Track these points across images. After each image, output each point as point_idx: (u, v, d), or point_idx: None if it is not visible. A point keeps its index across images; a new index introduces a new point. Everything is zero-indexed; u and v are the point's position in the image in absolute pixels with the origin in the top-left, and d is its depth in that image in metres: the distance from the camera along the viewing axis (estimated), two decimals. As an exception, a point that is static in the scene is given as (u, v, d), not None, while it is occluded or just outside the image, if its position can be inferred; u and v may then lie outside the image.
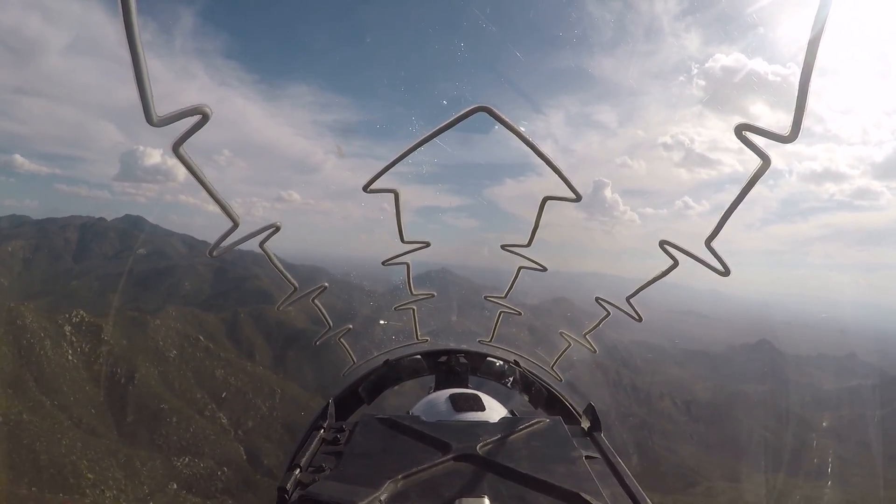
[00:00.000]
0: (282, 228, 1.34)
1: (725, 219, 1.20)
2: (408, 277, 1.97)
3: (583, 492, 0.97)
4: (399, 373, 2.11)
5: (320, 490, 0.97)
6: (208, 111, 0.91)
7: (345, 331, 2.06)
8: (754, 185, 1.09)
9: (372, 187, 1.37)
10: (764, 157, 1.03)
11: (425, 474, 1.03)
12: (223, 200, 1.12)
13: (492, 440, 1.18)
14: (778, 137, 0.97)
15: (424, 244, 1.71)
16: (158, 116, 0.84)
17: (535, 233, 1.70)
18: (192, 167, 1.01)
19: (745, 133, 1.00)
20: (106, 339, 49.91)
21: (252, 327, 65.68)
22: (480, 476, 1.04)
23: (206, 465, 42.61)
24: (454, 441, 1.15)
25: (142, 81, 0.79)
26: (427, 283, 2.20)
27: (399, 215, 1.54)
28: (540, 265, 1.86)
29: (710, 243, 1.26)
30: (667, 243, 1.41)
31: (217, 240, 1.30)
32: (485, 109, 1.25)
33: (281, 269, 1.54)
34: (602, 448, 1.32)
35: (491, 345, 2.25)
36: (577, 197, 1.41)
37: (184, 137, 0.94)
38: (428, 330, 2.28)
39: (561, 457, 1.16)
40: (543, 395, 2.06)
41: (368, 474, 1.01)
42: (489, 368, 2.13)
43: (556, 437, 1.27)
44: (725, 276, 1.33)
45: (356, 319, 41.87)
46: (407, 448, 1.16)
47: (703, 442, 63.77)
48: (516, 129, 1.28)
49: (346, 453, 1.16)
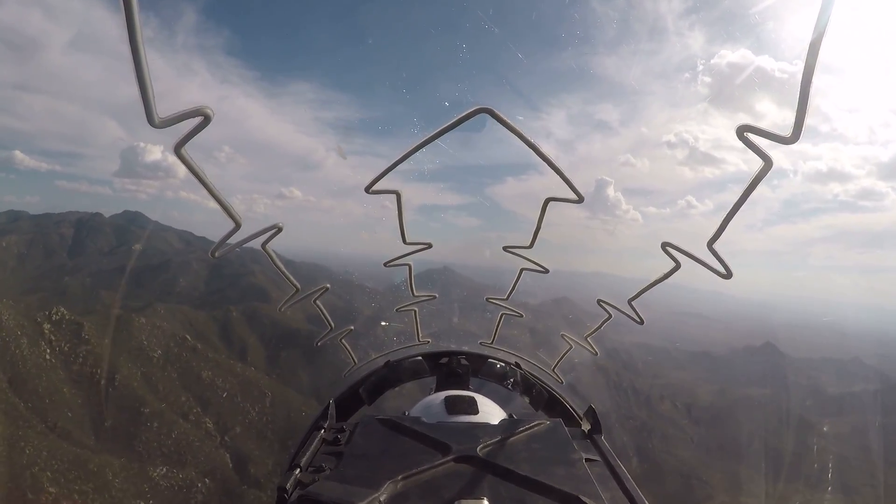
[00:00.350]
0: (284, 226, 1.34)
1: (727, 221, 1.20)
2: (409, 279, 1.97)
3: (583, 494, 0.96)
4: (400, 374, 2.11)
5: (320, 490, 0.97)
6: (210, 113, 0.91)
7: (346, 332, 2.06)
8: (756, 186, 1.09)
9: (374, 188, 1.37)
10: (766, 158, 1.03)
11: (425, 475, 1.03)
12: (225, 201, 1.12)
13: (492, 442, 1.18)
14: (779, 139, 0.97)
15: (426, 245, 1.71)
16: (160, 118, 0.84)
17: (537, 234, 1.70)
18: (193, 168, 1.02)
19: (746, 134, 1.00)
20: (87, 337, 48.30)
21: (245, 326, 63.78)
22: (480, 478, 1.04)
23: (185, 476, 40.65)
24: (454, 442, 1.15)
25: (143, 83, 0.79)
26: (429, 283, 2.20)
27: (401, 216, 1.54)
28: (542, 267, 1.86)
29: (712, 245, 1.26)
30: (669, 245, 1.41)
31: (219, 241, 1.30)
32: (487, 111, 1.25)
33: (283, 269, 1.54)
34: (602, 451, 1.31)
35: (492, 346, 2.25)
36: (579, 198, 1.42)
37: (185, 139, 0.94)
38: (430, 331, 2.28)
39: (561, 459, 1.16)
40: (544, 397, 2.06)
41: (368, 475, 1.01)
42: (490, 370, 2.13)
43: (557, 440, 1.27)
44: (727, 279, 1.32)
45: (357, 319, 41.69)
46: (407, 449, 1.16)
47: (704, 445, 63.43)
48: (518, 131, 1.28)
49: (347, 454, 1.16)
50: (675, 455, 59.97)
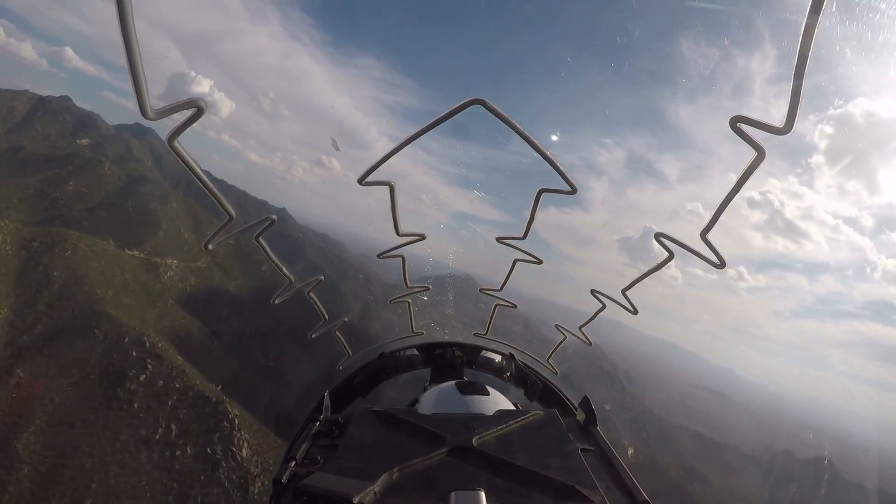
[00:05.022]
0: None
1: (720, 211, 1.21)
2: (403, 270, 1.97)
3: (578, 485, 0.97)
4: (394, 365, 2.11)
5: (315, 482, 0.97)
6: (203, 105, 0.91)
7: (340, 323, 2.06)
8: (749, 177, 1.10)
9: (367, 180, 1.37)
10: (759, 149, 1.04)
11: (420, 467, 1.04)
12: (218, 194, 1.12)
13: (487, 433, 1.18)
14: (772, 129, 0.98)
15: (419, 237, 1.71)
16: (154, 109, 0.83)
17: (530, 225, 1.70)
18: (187, 160, 1.01)
19: (739, 125, 1.01)
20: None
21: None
22: (475, 469, 1.04)
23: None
24: (449, 434, 1.15)
25: (136, 74, 0.78)
26: (443, 286, 2.22)
27: (395, 208, 1.54)
28: (535, 258, 1.86)
29: (706, 235, 1.27)
30: (662, 236, 1.42)
31: (213, 233, 1.30)
32: (479, 102, 1.25)
33: (276, 262, 1.54)
34: (598, 441, 1.32)
35: (486, 338, 2.26)
36: (572, 189, 1.42)
37: (178, 130, 0.94)
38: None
39: (556, 450, 1.16)
40: (539, 387, 2.07)
41: (363, 467, 1.01)
42: (484, 361, 2.14)
43: (552, 430, 1.27)
44: (720, 269, 1.34)
45: (362, 306, 39.87)
46: (402, 441, 1.17)
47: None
48: (512, 122, 1.29)
49: (342, 446, 1.16)
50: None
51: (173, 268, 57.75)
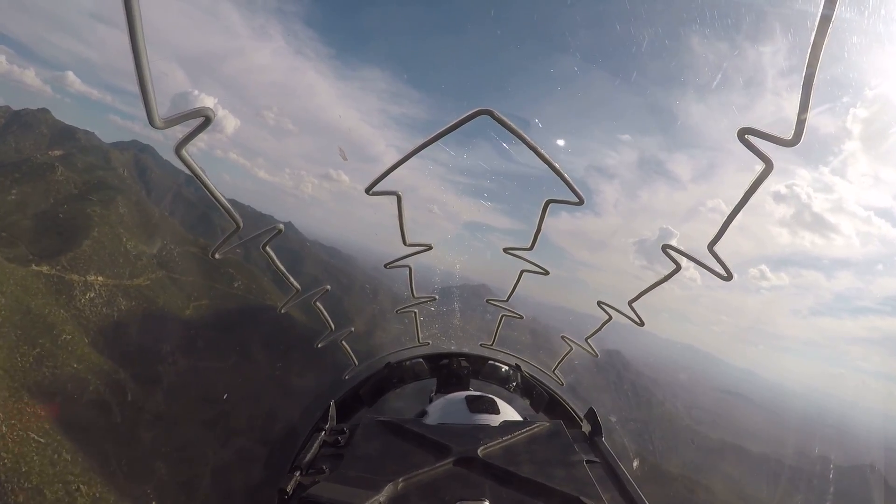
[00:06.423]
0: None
1: (727, 224, 1.20)
2: (410, 281, 1.98)
3: (584, 496, 0.96)
4: (400, 375, 2.11)
5: (320, 492, 0.96)
6: (211, 114, 0.92)
7: (346, 333, 2.07)
8: (756, 189, 1.10)
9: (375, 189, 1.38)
10: (767, 160, 1.04)
11: (425, 477, 1.03)
12: (226, 202, 1.13)
13: (493, 444, 1.17)
14: (780, 141, 0.97)
15: (426, 247, 1.71)
16: (162, 118, 0.84)
17: (537, 237, 1.70)
18: (194, 169, 1.02)
19: (747, 136, 1.01)
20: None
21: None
22: (481, 480, 1.03)
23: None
24: (455, 444, 1.14)
25: (144, 83, 0.79)
26: (451, 296, 2.21)
27: (402, 218, 1.54)
28: (542, 269, 1.86)
29: (713, 248, 1.26)
30: (669, 247, 1.42)
31: (219, 241, 1.31)
32: (487, 113, 1.26)
33: (283, 270, 1.54)
34: (603, 452, 1.31)
35: (492, 348, 2.25)
36: (579, 200, 1.42)
37: (186, 139, 0.95)
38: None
39: (562, 461, 1.15)
40: (545, 398, 2.05)
41: (368, 477, 1.00)
42: (490, 372, 2.13)
43: (557, 441, 1.26)
44: (727, 281, 1.33)
45: (369, 316, 38.82)
46: (407, 451, 1.16)
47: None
48: (519, 133, 1.29)
49: (347, 455, 1.15)
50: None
51: (96, 287, 40.81)
